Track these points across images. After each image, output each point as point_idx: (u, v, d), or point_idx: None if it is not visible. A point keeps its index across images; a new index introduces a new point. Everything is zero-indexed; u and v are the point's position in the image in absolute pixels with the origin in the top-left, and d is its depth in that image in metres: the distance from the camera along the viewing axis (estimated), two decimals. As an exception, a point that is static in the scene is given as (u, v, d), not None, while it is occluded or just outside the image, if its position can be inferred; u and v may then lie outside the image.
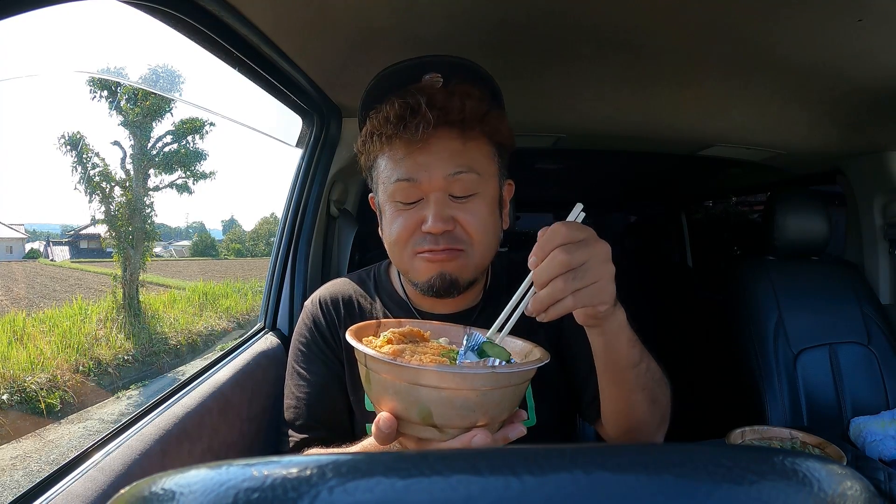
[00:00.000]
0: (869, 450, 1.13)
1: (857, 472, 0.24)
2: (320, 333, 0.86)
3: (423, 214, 0.74)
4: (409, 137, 0.72)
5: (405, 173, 0.74)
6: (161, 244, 13.02)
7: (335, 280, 0.94)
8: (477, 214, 0.75)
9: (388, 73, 0.83)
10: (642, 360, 0.68)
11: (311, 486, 0.21)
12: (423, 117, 0.71)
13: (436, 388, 0.49)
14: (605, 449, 0.25)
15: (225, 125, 23.33)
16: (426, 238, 0.75)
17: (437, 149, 0.73)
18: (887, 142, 1.53)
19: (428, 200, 0.74)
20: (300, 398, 0.84)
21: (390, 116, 0.73)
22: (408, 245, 0.77)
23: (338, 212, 1.41)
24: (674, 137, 1.67)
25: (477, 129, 0.75)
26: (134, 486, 0.23)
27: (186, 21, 0.78)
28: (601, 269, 0.56)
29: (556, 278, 0.55)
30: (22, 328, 5.95)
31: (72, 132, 8.13)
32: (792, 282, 1.56)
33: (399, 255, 0.79)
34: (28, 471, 3.89)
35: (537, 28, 0.99)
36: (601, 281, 0.56)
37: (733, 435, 0.95)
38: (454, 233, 0.74)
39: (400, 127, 0.72)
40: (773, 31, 0.96)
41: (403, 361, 0.50)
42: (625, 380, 0.68)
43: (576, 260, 0.55)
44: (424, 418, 0.50)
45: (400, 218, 0.76)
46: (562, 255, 0.54)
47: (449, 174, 0.73)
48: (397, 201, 0.76)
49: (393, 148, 0.75)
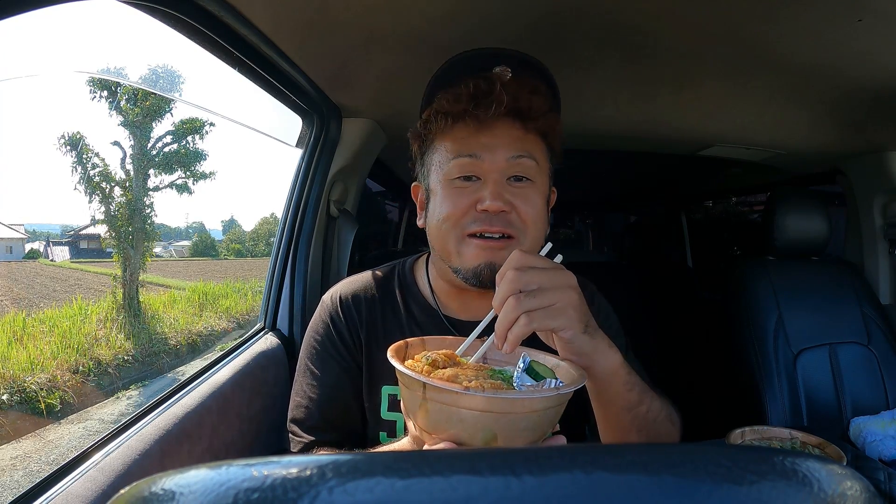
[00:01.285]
0: (869, 450, 1.13)
1: (857, 472, 0.24)
2: (337, 332, 0.83)
3: (479, 195, 0.74)
4: (480, 116, 0.74)
5: (469, 150, 0.75)
6: (161, 244, 13.01)
7: (356, 276, 0.91)
8: (532, 202, 0.76)
9: (461, 59, 0.85)
10: (642, 402, 0.67)
11: (311, 486, 0.21)
12: (497, 98, 0.72)
13: (505, 414, 0.49)
14: (605, 449, 0.25)
15: (225, 125, 23.34)
16: (480, 218, 0.74)
17: (500, 133, 0.75)
18: (887, 142, 1.53)
19: (486, 181, 0.75)
20: (312, 398, 0.81)
21: (463, 95, 0.74)
22: (459, 224, 0.75)
23: (338, 212, 1.41)
24: (674, 137, 1.67)
25: (538, 124, 0.77)
26: (134, 486, 0.23)
27: (186, 21, 0.78)
28: (559, 294, 0.57)
29: (509, 298, 0.56)
30: (22, 328, 5.95)
31: (72, 132, 8.13)
32: (792, 282, 1.56)
33: (447, 234, 0.76)
34: (28, 471, 3.89)
35: (538, 28, 0.99)
36: (559, 304, 0.57)
37: (733, 435, 0.94)
38: (509, 217, 0.74)
39: (471, 105, 0.73)
40: (773, 31, 0.96)
41: (473, 390, 0.49)
42: (620, 421, 0.68)
43: (526, 280, 0.56)
44: (488, 442, 0.50)
45: (453, 196, 0.76)
46: (512, 274, 0.56)
47: (511, 156, 0.75)
48: (455, 178, 0.76)
49: (458, 128, 0.76)
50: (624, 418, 0.67)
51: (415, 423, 0.55)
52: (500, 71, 0.79)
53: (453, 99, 0.75)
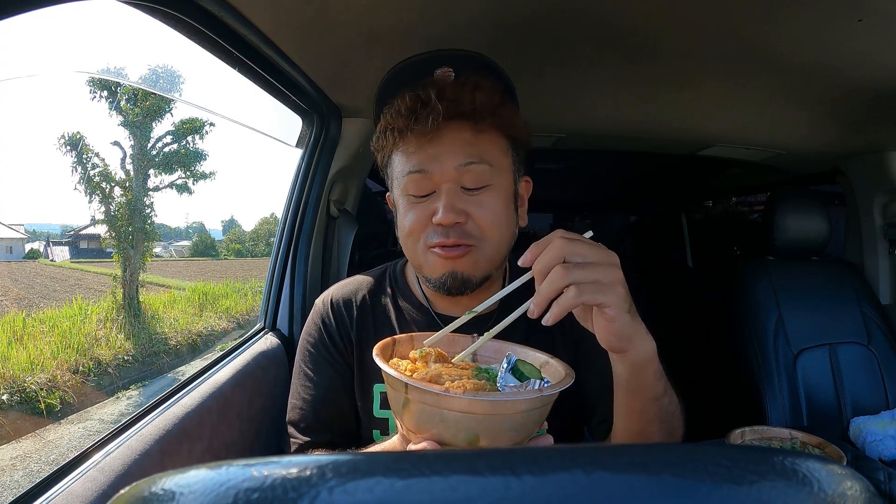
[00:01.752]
0: (869, 450, 1.13)
1: (857, 472, 0.24)
2: (329, 335, 0.84)
3: (434, 207, 0.73)
4: (421, 129, 0.72)
5: (417, 165, 0.74)
6: (161, 244, 13.01)
7: (349, 279, 0.92)
8: (489, 207, 0.74)
9: (401, 69, 0.84)
10: (666, 393, 0.66)
11: (311, 486, 0.21)
12: (434, 109, 0.71)
13: (488, 416, 0.49)
14: (605, 449, 0.25)
15: (225, 125, 23.33)
16: (437, 231, 0.74)
17: (448, 140, 0.73)
18: (887, 142, 1.53)
19: (440, 192, 0.73)
20: (306, 400, 0.82)
21: (402, 109, 0.73)
22: (420, 238, 0.76)
23: (338, 212, 1.41)
24: (674, 137, 1.67)
25: (489, 121, 0.75)
26: (134, 486, 0.23)
27: (186, 21, 0.78)
28: (607, 271, 0.54)
29: (556, 266, 0.53)
30: (22, 328, 5.95)
31: (72, 132, 8.13)
32: (792, 282, 1.56)
33: (412, 248, 0.78)
34: (28, 471, 3.89)
35: (537, 28, 0.99)
36: (607, 280, 0.54)
37: (733, 435, 0.94)
38: (465, 227, 0.73)
39: (411, 119, 0.72)
40: (773, 31, 0.96)
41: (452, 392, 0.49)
42: (645, 411, 0.66)
43: (573, 250, 0.53)
44: (471, 443, 0.50)
45: (412, 211, 0.76)
46: (560, 242, 0.53)
47: (460, 164, 0.73)
48: (410, 194, 0.76)
49: (406, 142, 0.75)
50: (650, 409, 0.66)
51: (401, 422, 0.55)
52: (441, 74, 0.78)
53: (395, 115, 0.75)
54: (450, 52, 0.82)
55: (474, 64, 0.82)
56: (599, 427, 0.80)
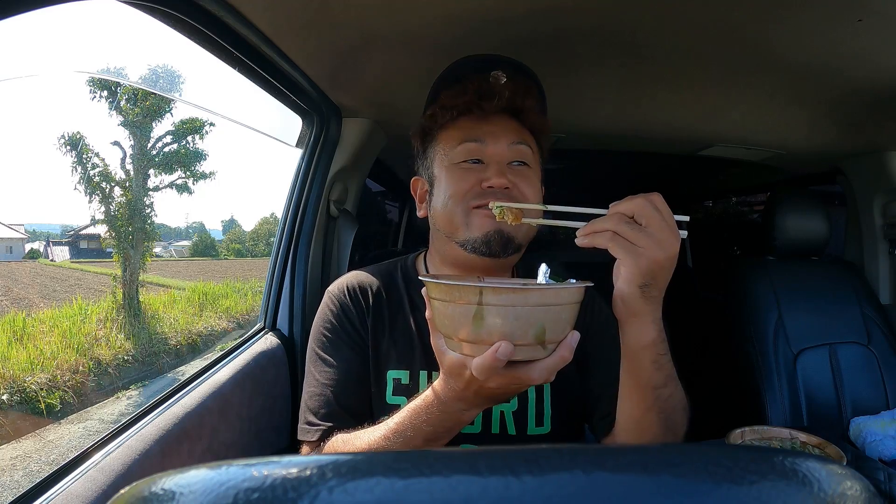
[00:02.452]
0: (869, 450, 1.13)
1: (857, 472, 0.24)
2: (349, 319, 0.85)
3: (484, 175, 0.81)
4: (483, 109, 0.82)
5: (475, 136, 0.82)
6: (161, 244, 13.00)
7: (357, 271, 0.93)
8: (531, 183, 0.83)
9: (462, 62, 0.94)
10: (667, 385, 0.68)
11: (311, 486, 0.21)
12: (500, 95, 0.81)
13: (552, 306, 0.54)
14: (605, 449, 0.25)
15: (225, 125, 23.34)
16: (486, 192, 0.80)
17: (500, 125, 0.84)
18: (887, 142, 1.53)
19: (489, 164, 0.82)
20: (326, 385, 0.82)
21: (468, 90, 0.82)
22: (464, 199, 0.81)
23: (338, 212, 1.41)
24: (674, 137, 1.67)
25: (530, 121, 0.86)
26: (134, 486, 0.23)
27: (186, 21, 0.78)
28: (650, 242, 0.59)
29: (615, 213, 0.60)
30: (22, 328, 5.94)
31: (72, 132, 8.13)
32: (792, 282, 1.56)
33: (453, 210, 0.81)
34: (28, 471, 3.89)
35: (537, 29, 0.99)
36: (645, 251, 0.59)
37: (733, 435, 0.94)
38: (512, 193, 0.80)
39: (475, 98, 0.82)
40: (773, 31, 0.96)
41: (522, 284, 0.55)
42: (643, 398, 0.69)
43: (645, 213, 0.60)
44: (538, 336, 0.54)
45: (461, 176, 0.82)
46: (642, 201, 0.60)
47: (512, 143, 0.83)
48: (461, 161, 0.82)
49: (462, 121, 0.84)
50: (648, 396, 0.69)
51: (457, 338, 0.57)
52: (496, 74, 0.85)
53: (458, 94, 0.83)
54: (506, 59, 0.94)
55: (524, 73, 0.94)
56: (601, 423, 0.81)
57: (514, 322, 0.53)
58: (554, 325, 0.55)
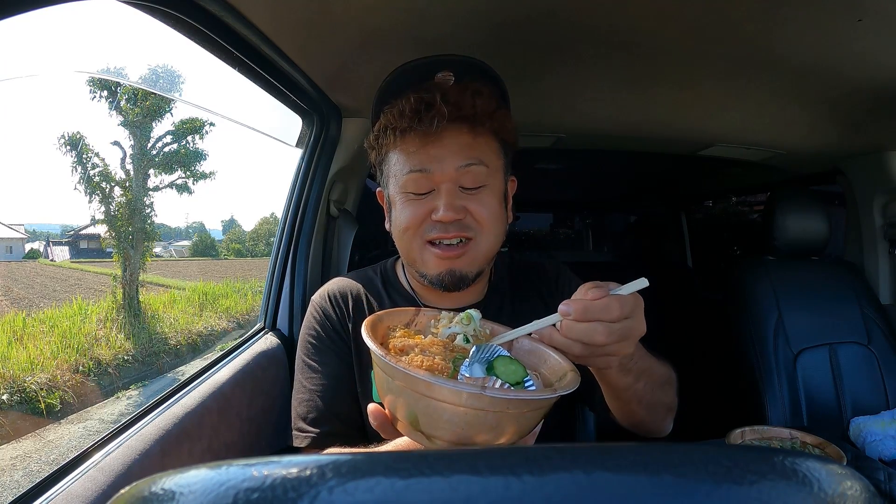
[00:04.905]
0: (869, 450, 1.13)
1: (857, 472, 0.24)
2: (331, 324, 0.87)
3: (433, 204, 0.77)
4: (424, 130, 0.75)
5: (418, 164, 0.77)
6: (161, 244, 13.00)
7: (339, 278, 0.95)
8: (486, 204, 0.78)
9: (403, 71, 0.86)
10: (638, 380, 0.69)
11: (311, 486, 0.21)
12: (438, 111, 0.74)
13: (423, 396, 0.47)
14: (605, 449, 0.25)
15: (225, 125, 23.34)
16: (436, 226, 0.77)
17: (448, 142, 0.77)
18: (887, 142, 1.53)
19: (439, 191, 0.77)
20: (313, 391, 0.83)
21: (406, 110, 0.76)
22: (417, 233, 0.79)
23: (338, 212, 1.41)
24: (674, 137, 1.67)
25: (486, 126, 0.78)
26: (134, 486, 0.23)
27: (186, 21, 0.78)
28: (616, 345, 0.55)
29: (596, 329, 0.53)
30: (22, 328, 5.94)
31: (72, 132, 8.12)
32: (792, 282, 1.56)
33: (408, 243, 0.80)
34: (28, 471, 3.89)
35: (537, 28, 0.99)
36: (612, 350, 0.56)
37: (733, 435, 0.95)
38: (464, 221, 0.77)
39: (415, 120, 0.75)
40: (773, 31, 0.96)
41: (392, 360, 0.48)
42: (620, 398, 0.72)
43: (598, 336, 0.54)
44: (412, 422, 0.50)
45: (410, 207, 0.79)
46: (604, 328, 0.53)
47: (460, 166, 0.77)
48: (409, 192, 0.79)
49: (406, 141, 0.78)
50: (623, 395, 0.71)
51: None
52: (442, 77, 0.81)
53: (398, 115, 0.77)
54: (450, 57, 0.86)
55: (474, 69, 0.85)
56: (602, 402, 0.81)
57: (387, 392, 0.52)
58: (430, 419, 0.48)
